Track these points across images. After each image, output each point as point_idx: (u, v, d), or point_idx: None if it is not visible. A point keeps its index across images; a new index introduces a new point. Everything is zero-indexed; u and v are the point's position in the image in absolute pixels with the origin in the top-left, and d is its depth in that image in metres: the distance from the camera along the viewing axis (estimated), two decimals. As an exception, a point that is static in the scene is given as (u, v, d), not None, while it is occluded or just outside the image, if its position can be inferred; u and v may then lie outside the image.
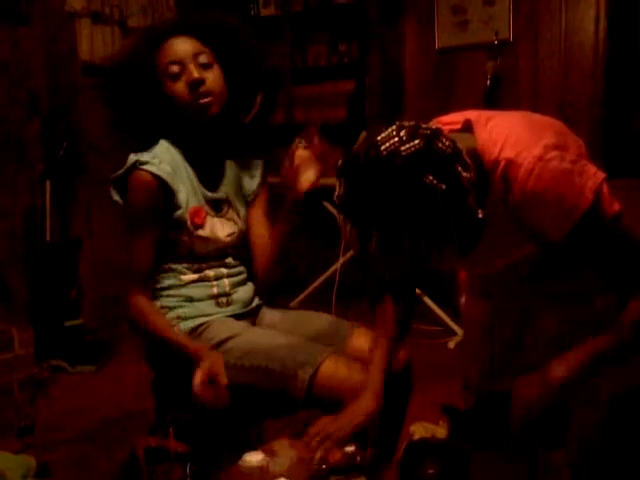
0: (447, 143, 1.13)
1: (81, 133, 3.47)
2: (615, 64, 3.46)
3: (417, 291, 3.45)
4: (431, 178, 1.09)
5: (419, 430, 1.50)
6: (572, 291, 1.48)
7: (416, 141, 1.11)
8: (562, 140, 1.27)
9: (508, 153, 1.23)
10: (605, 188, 1.44)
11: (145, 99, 1.56)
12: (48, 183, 3.23)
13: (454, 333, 3.29)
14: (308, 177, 1.61)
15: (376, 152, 1.12)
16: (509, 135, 1.25)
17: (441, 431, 1.45)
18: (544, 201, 1.23)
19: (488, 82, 3.56)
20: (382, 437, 1.47)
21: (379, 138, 1.14)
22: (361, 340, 1.59)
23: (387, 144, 1.12)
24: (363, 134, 3.32)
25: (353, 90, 4.06)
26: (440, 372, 2.53)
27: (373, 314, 1.54)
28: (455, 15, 3.79)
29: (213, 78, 1.56)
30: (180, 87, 1.54)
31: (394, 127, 1.15)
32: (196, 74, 1.53)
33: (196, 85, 1.53)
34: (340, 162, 1.18)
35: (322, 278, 3.70)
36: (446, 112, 1.42)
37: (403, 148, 1.11)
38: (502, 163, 1.23)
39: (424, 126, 1.15)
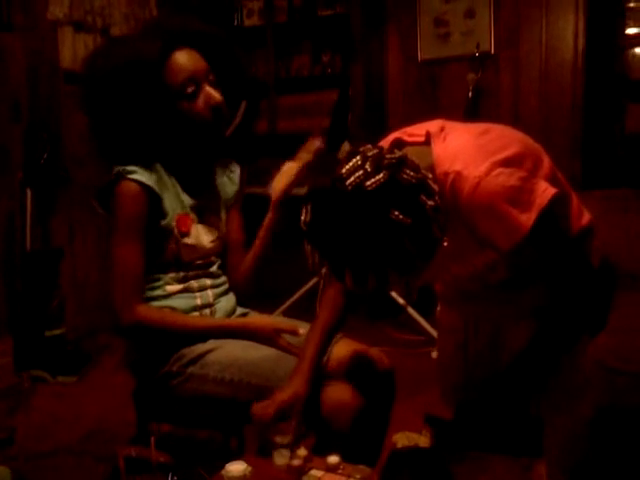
0: (411, 173, 1.13)
1: (62, 141, 3.45)
2: (594, 77, 3.51)
3: (400, 301, 3.47)
4: (397, 213, 1.09)
5: (402, 439, 1.50)
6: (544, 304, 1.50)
7: (381, 174, 1.11)
8: (515, 157, 1.29)
9: (457, 166, 1.26)
10: (574, 201, 1.47)
11: (140, 112, 1.50)
12: (29, 191, 3.20)
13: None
14: (278, 184, 1.63)
15: (342, 186, 1.11)
16: (461, 150, 1.29)
17: (424, 440, 1.45)
18: (491, 216, 1.25)
19: (470, 93, 3.60)
20: (365, 444, 1.47)
21: (344, 170, 1.13)
22: (346, 350, 1.58)
23: (352, 178, 1.11)
24: (346, 144, 3.34)
25: (336, 100, 4.07)
26: (423, 382, 2.54)
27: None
28: (437, 27, 3.83)
29: (222, 98, 1.56)
30: (200, 106, 1.53)
31: (358, 157, 1.14)
32: (218, 97, 1.54)
33: (219, 109, 1.54)
34: (307, 189, 1.18)
35: (306, 287, 3.70)
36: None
37: (368, 183, 1.10)
38: (451, 175, 1.27)
39: (388, 155, 1.15)
